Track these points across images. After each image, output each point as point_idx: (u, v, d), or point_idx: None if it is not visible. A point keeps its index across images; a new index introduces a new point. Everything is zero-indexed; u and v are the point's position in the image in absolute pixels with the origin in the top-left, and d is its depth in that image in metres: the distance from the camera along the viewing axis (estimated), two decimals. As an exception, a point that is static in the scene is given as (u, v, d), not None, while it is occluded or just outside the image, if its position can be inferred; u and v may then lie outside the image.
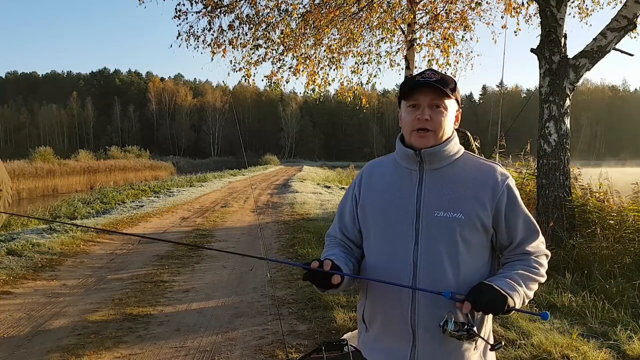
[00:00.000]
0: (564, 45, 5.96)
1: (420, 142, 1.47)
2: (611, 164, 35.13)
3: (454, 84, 1.49)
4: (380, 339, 1.52)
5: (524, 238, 1.48)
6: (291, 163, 66.33)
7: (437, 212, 1.43)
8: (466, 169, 1.50)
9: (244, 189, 19.90)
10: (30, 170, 27.21)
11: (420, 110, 1.46)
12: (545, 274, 1.50)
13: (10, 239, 7.66)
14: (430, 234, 1.42)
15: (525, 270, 1.45)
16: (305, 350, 3.42)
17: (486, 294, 1.32)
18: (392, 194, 1.50)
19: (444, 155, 1.49)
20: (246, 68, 9.36)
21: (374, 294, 1.52)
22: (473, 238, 1.43)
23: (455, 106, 1.51)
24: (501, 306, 1.32)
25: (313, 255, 6.74)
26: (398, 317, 1.45)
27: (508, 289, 1.35)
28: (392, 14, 8.84)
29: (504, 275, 1.43)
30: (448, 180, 1.47)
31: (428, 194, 1.46)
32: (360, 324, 1.61)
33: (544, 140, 5.96)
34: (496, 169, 1.50)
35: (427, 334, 1.42)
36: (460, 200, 1.44)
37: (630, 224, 5.40)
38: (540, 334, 3.60)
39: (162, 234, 9.14)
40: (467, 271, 1.41)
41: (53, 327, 4.19)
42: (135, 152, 52.42)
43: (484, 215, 1.43)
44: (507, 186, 1.47)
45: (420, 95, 1.46)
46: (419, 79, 1.47)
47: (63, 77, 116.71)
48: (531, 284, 1.44)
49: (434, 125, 1.46)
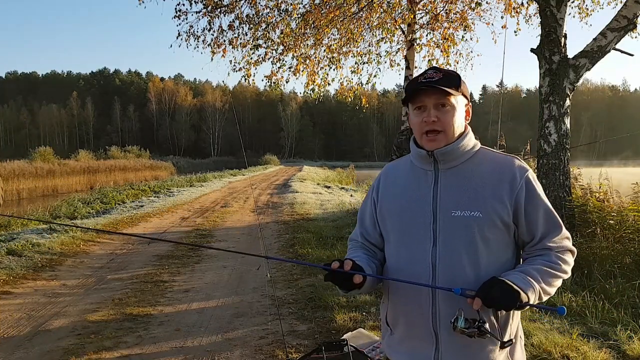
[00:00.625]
0: (564, 45, 5.96)
1: (431, 145, 1.44)
2: (614, 164, 35.13)
3: (458, 79, 1.45)
4: (404, 341, 1.51)
5: (545, 233, 1.42)
6: (291, 163, 66.34)
7: (454, 211, 1.40)
8: (483, 165, 1.45)
9: (244, 189, 19.90)
10: (30, 170, 27.16)
11: (427, 112, 1.43)
12: (569, 271, 1.43)
13: (10, 239, 7.66)
14: (448, 235, 1.39)
15: (544, 265, 1.39)
16: (305, 350, 3.42)
17: (497, 290, 1.28)
18: (409, 196, 1.47)
19: (459, 153, 1.45)
20: (246, 68, 9.36)
21: (396, 296, 1.51)
22: (493, 236, 1.39)
23: (463, 101, 1.47)
24: (513, 302, 1.28)
25: (313, 255, 6.73)
26: (420, 320, 1.43)
27: (522, 284, 1.31)
28: (392, 14, 8.84)
29: (519, 269, 1.38)
30: (464, 177, 1.43)
31: (444, 194, 1.43)
32: (384, 326, 1.59)
33: (544, 140, 5.96)
34: (514, 162, 1.45)
35: (450, 335, 1.38)
36: (478, 197, 1.40)
37: (630, 224, 5.40)
38: (540, 334, 3.60)
39: (162, 234, 9.14)
40: (488, 270, 1.37)
41: (53, 327, 4.19)
42: (135, 152, 52.40)
43: (504, 211, 1.39)
44: (526, 179, 1.42)
45: (424, 97, 1.43)
46: (421, 80, 1.44)
47: (63, 77, 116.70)
48: (551, 279, 1.38)
49: (443, 125, 1.42)
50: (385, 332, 1.60)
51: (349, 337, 3.27)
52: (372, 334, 3.63)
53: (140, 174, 37.65)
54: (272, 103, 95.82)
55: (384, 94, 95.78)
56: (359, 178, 27.55)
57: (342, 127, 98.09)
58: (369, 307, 4.46)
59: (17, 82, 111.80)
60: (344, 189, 20.41)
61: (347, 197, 15.86)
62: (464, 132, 1.48)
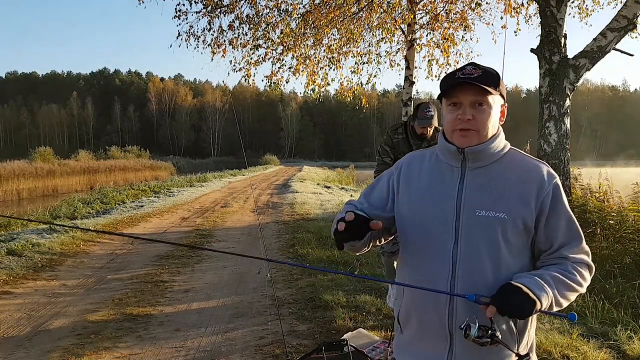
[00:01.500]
0: (564, 45, 5.96)
1: (462, 142, 1.39)
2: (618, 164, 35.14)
3: (497, 77, 1.39)
4: (414, 342, 1.45)
5: (565, 242, 1.38)
6: (291, 163, 66.32)
7: (478, 211, 1.36)
8: (511, 167, 1.41)
9: (244, 189, 19.90)
10: (30, 170, 27.15)
11: (462, 110, 1.37)
12: (584, 286, 1.37)
13: (10, 239, 7.65)
14: (470, 234, 1.35)
15: (559, 273, 1.33)
16: (305, 350, 3.42)
17: (514, 298, 1.23)
18: (431, 191, 1.42)
19: (489, 154, 1.41)
20: (246, 68, 9.36)
21: (411, 293, 1.44)
22: (515, 239, 1.35)
23: (500, 101, 1.42)
24: (529, 312, 1.24)
25: (313, 256, 6.73)
26: (434, 319, 1.38)
27: (537, 289, 1.26)
28: (392, 14, 8.84)
29: (534, 273, 1.33)
30: (491, 178, 1.39)
31: (469, 192, 1.38)
32: (396, 324, 1.54)
33: (544, 140, 5.97)
34: (543, 168, 1.42)
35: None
36: (504, 199, 1.36)
37: (630, 224, 5.40)
38: (540, 334, 3.59)
39: (162, 234, 9.14)
40: (508, 272, 1.33)
41: (53, 327, 4.19)
42: (135, 152, 52.40)
43: (528, 215, 1.35)
44: (555, 185, 1.38)
45: (460, 94, 1.37)
46: (459, 75, 1.37)
47: (63, 77, 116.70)
48: (565, 290, 1.33)
49: (477, 125, 1.37)
50: (396, 330, 1.55)
51: (349, 337, 3.27)
52: (372, 334, 3.63)
53: (140, 174, 37.64)
54: (272, 103, 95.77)
55: (384, 94, 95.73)
56: (359, 178, 27.54)
57: (342, 127, 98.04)
58: (369, 307, 4.46)
59: (17, 82, 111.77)
60: (344, 189, 20.42)
61: (347, 197, 15.84)
62: (496, 133, 1.43)
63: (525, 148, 8.29)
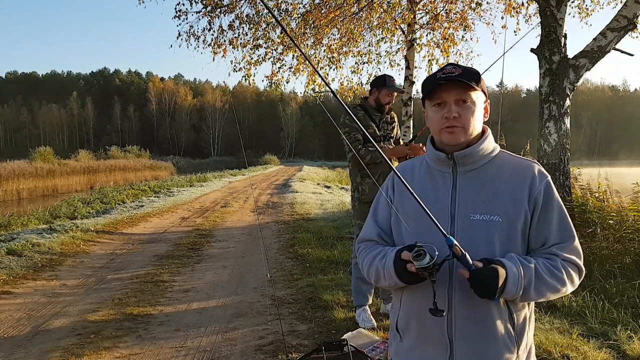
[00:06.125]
0: (564, 45, 5.95)
1: (449, 138, 1.40)
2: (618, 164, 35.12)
3: (478, 75, 1.41)
4: (415, 349, 1.45)
5: (556, 241, 1.38)
6: (291, 163, 66.33)
7: (473, 215, 1.37)
8: (503, 169, 1.42)
9: (244, 189, 19.90)
10: (30, 170, 27.17)
11: (447, 108, 1.39)
12: (570, 287, 1.37)
13: (10, 239, 7.66)
14: (466, 239, 1.34)
15: (545, 266, 1.34)
16: (305, 350, 3.42)
17: (484, 282, 1.26)
18: (426, 198, 1.40)
19: (479, 156, 1.42)
20: (246, 68, 9.36)
21: (409, 300, 1.44)
22: (511, 240, 1.36)
23: (482, 97, 1.44)
24: (492, 294, 1.27)
25: (313, 256, 6.72)
26: (434, 326, 1.38)
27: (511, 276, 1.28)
28: (392, 14, 8.83)
29: (523, 257, 1.35)
30: (484, 181, 1.40)
31: (463, 197, 1.39)
32: (393, 332, 1.53)
33: (544, 140, 5.96)
34: (535, 167, 1.42)
35: (466, 344, 1.35)
36: (497, 202, 1.37)
37: (630, 224, 5.40)
38: (540, 334, 3.59)
39: (162, 234, 9.14)
40: None
41: (53, 327, 4.19)
42: (135, 152, 52.44)
43: (522, 216, 1.36)
44: (546, 184, 1.39)
45: (443, 93, 1.39)
46: (440, 75, 1.39)
47: (63, 77, 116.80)
48: (547, 279, 1.33)
49: (463, 122, 1.39)
50: (394, 339, 1.53)
51: (349, 337, 3.27)
52: (372, 334, 3.63)
53: (140, 174, 37.68)
54: (272, 103, 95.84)
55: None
56: (359, 178, 27.47)
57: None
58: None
59: (17, 82, 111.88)
60: (344, 189, 20.40)
61: (347, 197, 15.84)
62: (484, 134, 1.45)
63: (525, 148, 8.29)
